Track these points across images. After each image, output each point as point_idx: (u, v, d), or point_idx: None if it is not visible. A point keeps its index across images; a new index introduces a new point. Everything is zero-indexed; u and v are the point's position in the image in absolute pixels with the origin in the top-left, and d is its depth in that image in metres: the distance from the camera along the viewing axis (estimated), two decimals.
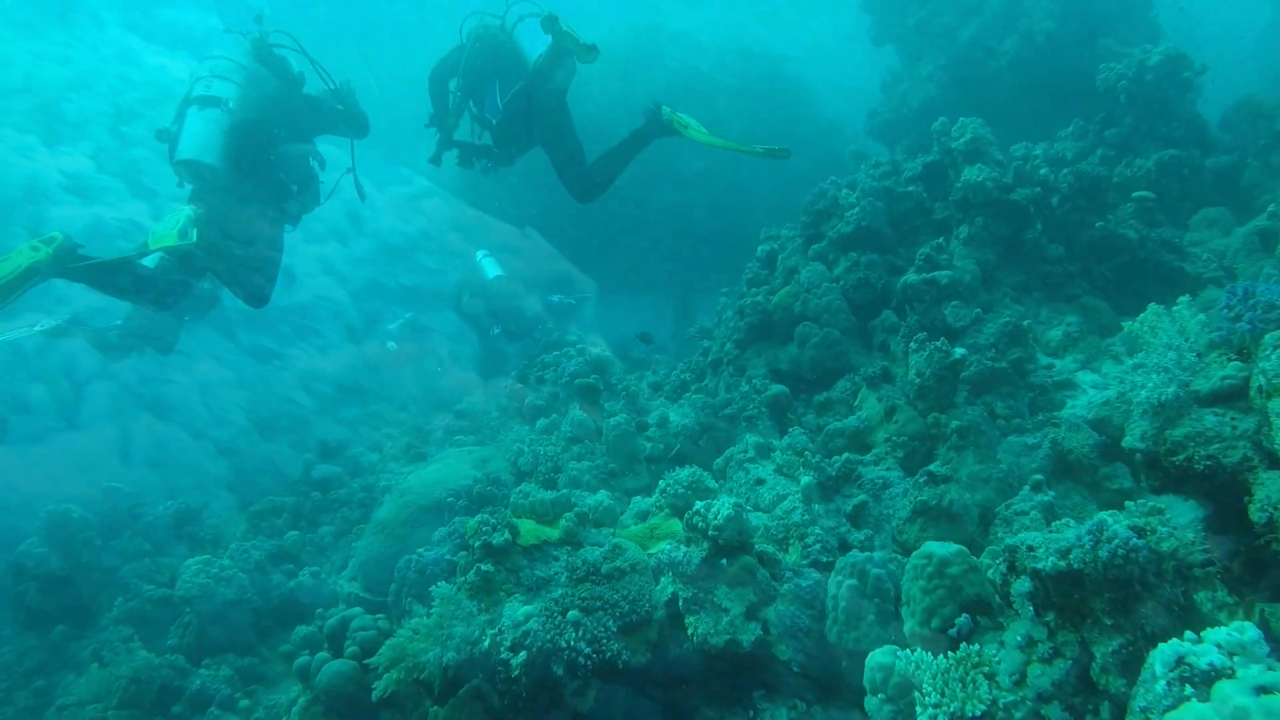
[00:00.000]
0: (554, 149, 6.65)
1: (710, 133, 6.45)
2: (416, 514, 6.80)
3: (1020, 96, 9.83)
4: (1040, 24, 9.45)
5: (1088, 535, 2.33)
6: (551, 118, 6.43)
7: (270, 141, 5.71)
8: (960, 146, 5.96)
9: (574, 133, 6.64)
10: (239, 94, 5.48)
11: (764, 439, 5.21)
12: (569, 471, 5.73)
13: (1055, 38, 9.46)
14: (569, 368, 7.67)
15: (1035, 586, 2.43)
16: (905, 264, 6.19)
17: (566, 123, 6.58)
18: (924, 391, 4.83)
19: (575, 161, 6.59)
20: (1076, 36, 9.65)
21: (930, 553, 2.96)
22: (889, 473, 4.72)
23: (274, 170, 5.81)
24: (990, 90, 10.04)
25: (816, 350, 5.78)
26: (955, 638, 2.64)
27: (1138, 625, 2.12)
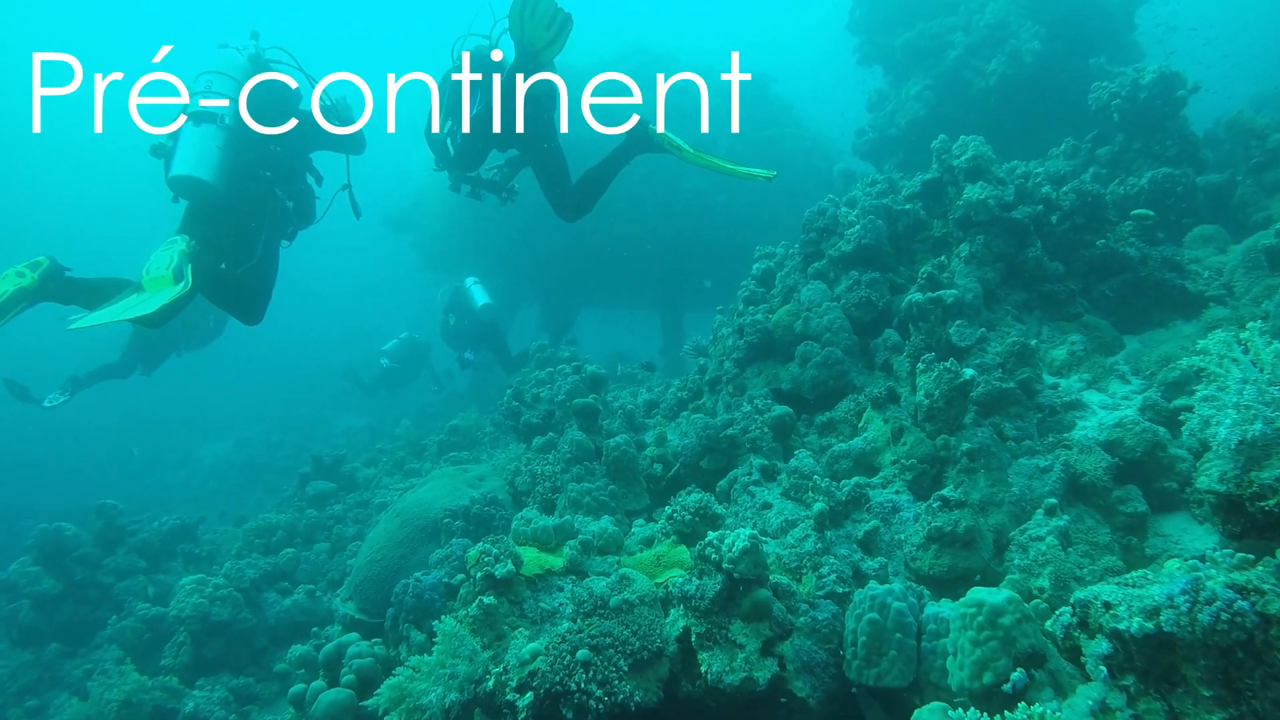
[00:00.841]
0: (540, 167, 6.47)
1: (696, 150, 6.26)
2: (413, 534, 6.53)
3: (1007, 116, 9.71)
4: (1027, 44, 9.32)
5: (1182, 596, 2.06)
6: (536, 134, 6.23)
7: (267, 158, 5.52)
8: (962, 164, 5.77)
9: (560, 152, 6.46)
10: (233, 109, 5.28)
11: (769, 461, 4.97)
12: (569, 493, 5.47)
13: (1042, 58, 9.33)
14: (564, 385, 7.41)
15: (1115, 648, 2.19)
16: (905, 282, 5.99)
17: (552, 140, 6.39)
18: (933, 413, 4.61)
19: (560, 180, 6.41)
20: (1063, 57, 9.54)
21: (980, 600, 2.70)
22: (898, 496, 4.50)
23: (270, 187, 5.61)
24: (978, 109, 9.92)
25: (818, 370, 5.56)
26: (1010, 695, 2.39)
27: (1243, 699, 1.88)
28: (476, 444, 11.14)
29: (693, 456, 5.49)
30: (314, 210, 6.10)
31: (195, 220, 5.28)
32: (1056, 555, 3.86)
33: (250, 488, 18.08)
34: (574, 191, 6.46)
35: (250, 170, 5.40)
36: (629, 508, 5.52)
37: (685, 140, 6.30)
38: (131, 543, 9.47)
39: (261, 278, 5.55)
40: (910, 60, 10.72)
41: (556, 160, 6.43)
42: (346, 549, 8.78)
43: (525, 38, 5.60)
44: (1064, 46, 9.56)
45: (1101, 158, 7.21)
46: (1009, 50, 9.39)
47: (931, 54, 10.42)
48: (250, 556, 8.61)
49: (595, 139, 14.58)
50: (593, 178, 6.45)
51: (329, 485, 10.37)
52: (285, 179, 5.75)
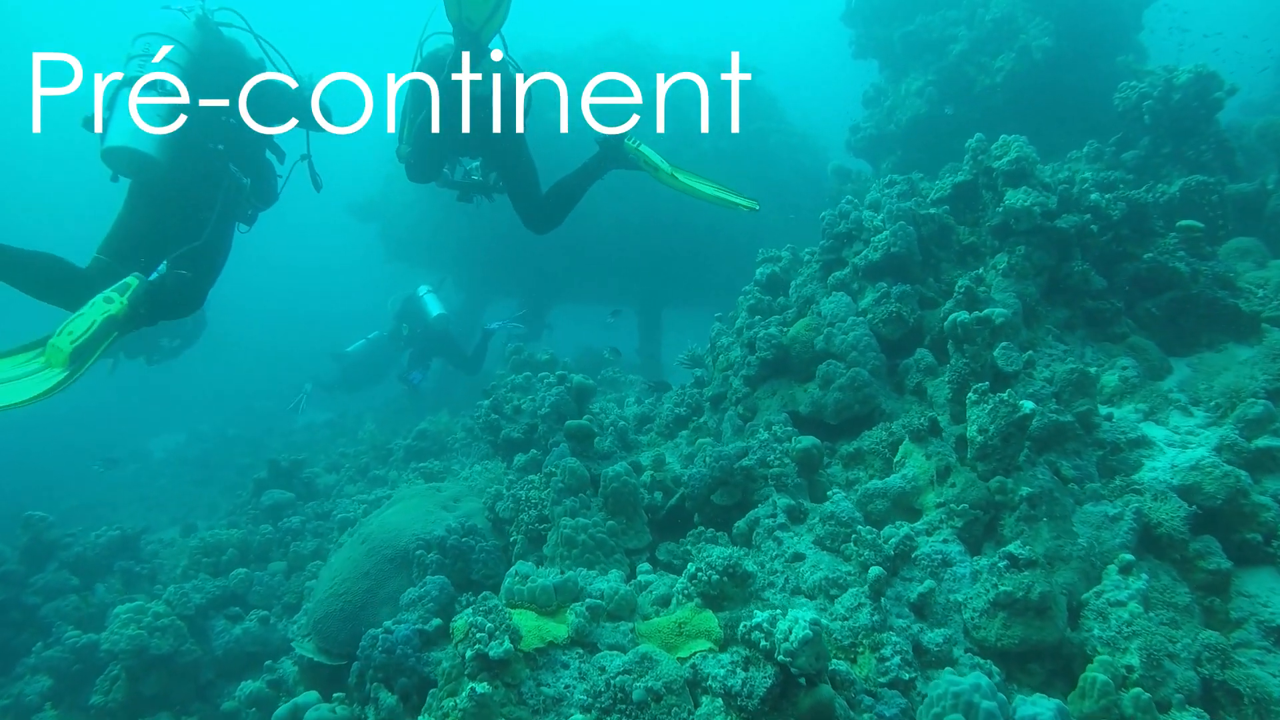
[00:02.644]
0: (505, 174, 5.95)
1: (673, 168, 5.73)
2: (380, 564, 5.80)
3: (1015, 115, 9.16)
4: (1038, 40, 8.77)
5: None
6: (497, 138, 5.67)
7: (219, 130, 4.94)
8: (1003, 166, 5.17)
9: (528, 157, 5.91)
10: (180, 75, 4.64)
11: (794, 500, 4.33)
12: (562, 528, 4.78)
13: (1052, 55, 8.79)
14: (548, 398, 6.71)
15: None
16: (936, 296, 5.39)
17: (516, 145, 5.83)
18: (986, 451, 4.00)
19: (528, 188, 5.89)
20: (1071, 56, 9.01)
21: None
22: (947, 546, 3.88)
23: (224, 162, 4.99)
24: (983, 107, 9.36)
25: (842, 393, 4.93)
26: None
27: None
28: (447, 450, 10.39)
29: (701, 489, 4.83)
30: (275, 189, 5.52)
31: (138, 201, 4.71)
32: (1144, 626, 3.28)
33: (204, 486, 17.07)
34: (543, 203, 5.95)
35: (199, 143, 4.80)
36: (629, 545, 4.84)
37: (665, 156, 5.79)
38: (64, 557, 8.59)
39: (206, 260, 4.85)
40: (910, 54, 10.14)
41: (524, 168, 5.90)
42: (305, 568, 8.01)
43: (463, 15, 4.97)
44: (1072, 45, 9.02)
45: (1128, 162, 6.67)
46: (1019, 46, 8.82)
47: (933, 48, 9.84)
48: (197, 578, 7.81)
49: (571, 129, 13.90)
50: (563, 190, 5.95)
51: (286, 495, 9.54)
52: (241, 154, 5.14)
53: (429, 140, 5.61)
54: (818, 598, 3.69)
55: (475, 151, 6.09)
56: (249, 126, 5.11)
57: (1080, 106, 8.91)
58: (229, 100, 4.99)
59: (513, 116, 5.68)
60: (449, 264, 17.43)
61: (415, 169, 5.84)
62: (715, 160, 14.32)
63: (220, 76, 4.96)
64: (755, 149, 14.73)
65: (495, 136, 5.65)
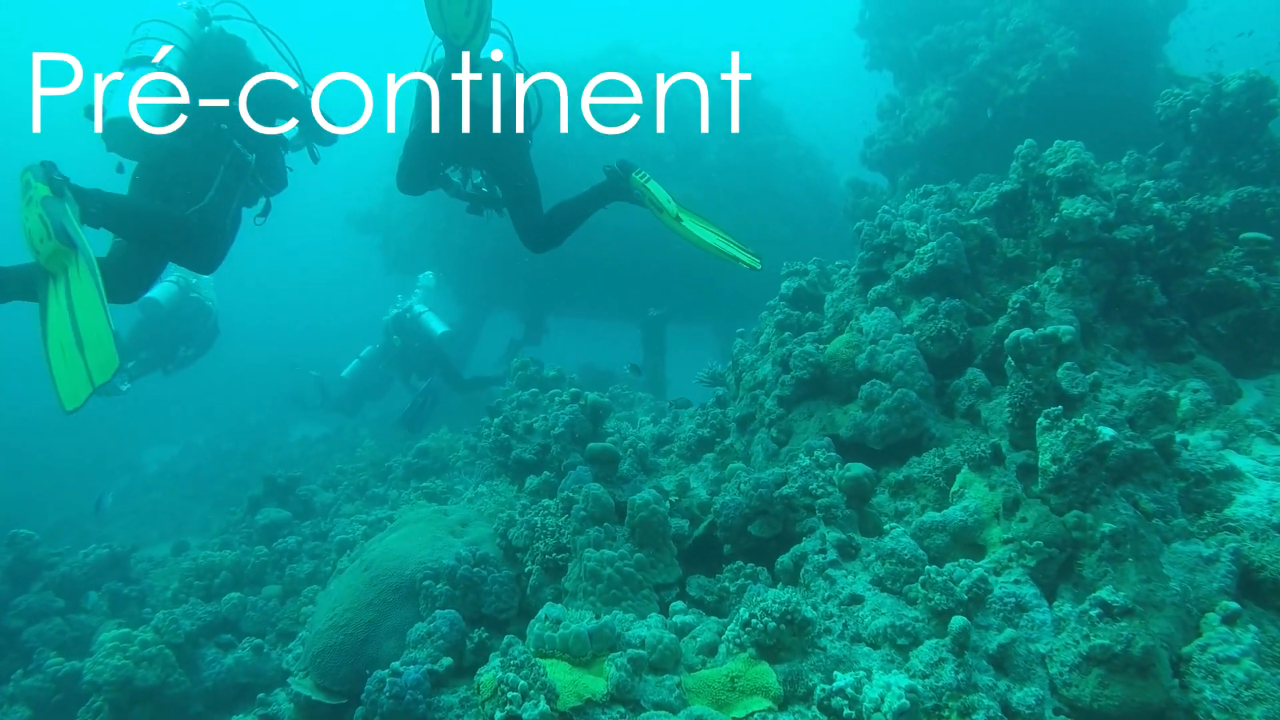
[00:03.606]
0: (506, 188, 5.65)
1: (679, 206, 5.41)
2: (384, 594, 5.32)
3: (1039, 126, 8.80)
4: (1064, 50, 8.42)
5: None
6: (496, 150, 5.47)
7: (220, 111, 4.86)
8: (1059, 174, 4.77)
9: (530, 172, 5.60)
10: (181, 58, 4.68)
11: (844, 534, 3.90)
12: (585, 561, 4.35)
13: (1079, 65, 8.44)
14: (562, 417, 6.28)
15: None
16: (983, 312, 4.99)
17: (519, 155, 5.55)
18: (1061, 483, 3.58)
19: (529, 205, 5.58)
20: (1097, 66, 8.67)
21: None
22: (1020, 588, 3.46)
23: (228, 138, 4.89)
24: (1005, 118, 9.00)
25: (888, 415, 4.51)
26: None
27: None
28: (449, 469, 9.92)
29: (736, 519, 4.40)
30: (283, 174, 5.48)
31: (142, 180, 4.72)
32: (1269, 690, 2.85)
33: (196, 500, 16.53)
34: (543, 222, 5.65)
35: (201, 119, 4.74)
36: (658, 581, 4.41)
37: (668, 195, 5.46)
38: (49, 578, 8.09)
39: (214, 221, 4.77)
40: (928, 65, 9.78)
41: (525, 183, 5.60)
42: (301, 593, 7.54)
43: (449, 30, 4.78)
44: (1098, 55, 8.69)
45: (1171, 173, 6.29)
46: (1045, 55, 8.48)
47: (952, 59, 9.49)
48: (188, 603, 7.32)
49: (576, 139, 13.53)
50: (564, 213, 5.67)
51: (282, 513, 9.06)
52: (245, 133, 5.01)
53: (425, 143, 5.36)
54: (882, 646, 3.26)
55: (477, 160, 5.80)
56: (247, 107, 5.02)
57: (1107, 117, 8.56)
58: (229, 98, 4.91)
59: (513, 120, 5.44)
60: (449, 276, 16.99)
61: (406, 175, 5.55)
62: (721, 172, 13.97)
63: (220, 68, 4.92)
64: (761, 162, 14.36)
65: (496, 144, 5.44)
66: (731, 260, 5.33)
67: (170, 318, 11.07)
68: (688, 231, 5.40)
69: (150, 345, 11.06)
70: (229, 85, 4.95)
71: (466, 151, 5.65)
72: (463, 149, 5.57)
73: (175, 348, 11.39)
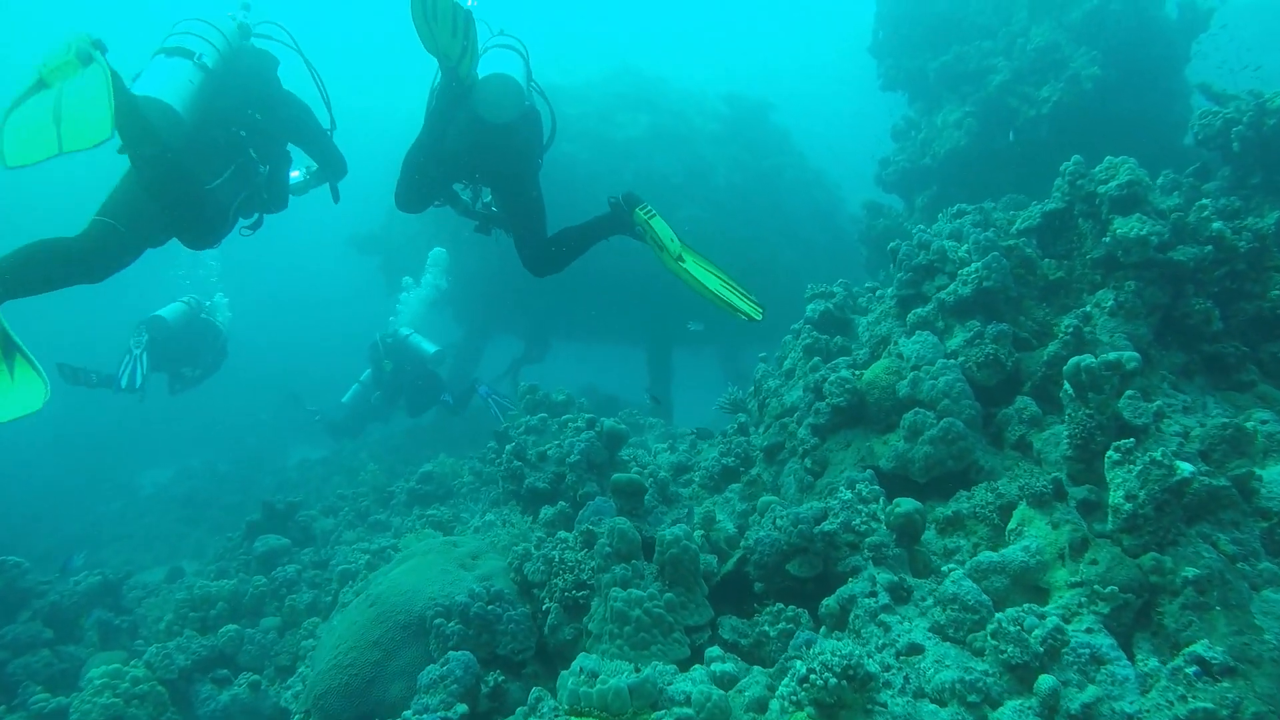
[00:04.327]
0: (508, 208, 5.47)
1: (683, 245, 5.14)
2: (392, 632, 4.99)
3: (1061, 147, 8.59)
4: (1087, 69, 8.21)
5: None
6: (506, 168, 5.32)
7: (244, 118, 4.92)
8: (1110, 191, 4.50)
9: (535, 192, 5.41)
10: (216, 57, 4.69)
11: (896, 575, 3.59)
12: (612, 602, 4.03)
13: (1103, 85, 8.23)
14: (578, 444, 5.98)
15: None
16: (1028, 336, 4.70)
17: (523, 177, 5.36)
18: (1136, 522, 3.28)
19: (533, 227, 5.38)
20: (1119, 86, 8.47)
21: None
22: (1094, 638, 3.14)
23: (244, 145, 4.95)
24: (1025, 139, 8.79)
25: (934, 446, 4.21)
26: None
27: None
28: (453, 495, 9.58)
29: (773, 556, 4.08)
30: (285, 195, 5.43)
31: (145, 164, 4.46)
32: None
33: (192, 525, 16.11)
34: (547, 246, 5.43)
35: (223, 121, 4.78)
36: (689, 622, 4.08)
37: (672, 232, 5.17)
38: (38, 606, 7.72)
39: (221, 203, 4.81)
40: (945, 85, 9.58)
41: (531, 203, 5.41)
42: (301, 625, 7.17)
43: (440, 50, 4.64)
44: (1120, 75, 8.49)
45: (1210, 194, 6.03)
46: (1068, 75, 8.27)
47: (970, 79, 9.29)
48: (183, 635, 6.96)
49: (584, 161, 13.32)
50: (568, 240, 5.45)
51: (281, 541, 8.69)
52: (262, 145, 5.07)
53: (423, 159, 5.17)
54: (950, 704, 2.93)
55: (482, 177, 5.60)
56: (269, 124, 5.07)
57: (1130, 138, 8.32)
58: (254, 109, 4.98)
59: (521, 138, 5.30)
60: (450, 299, 16.73)
61: (403, 191, 5.31)
62: (729, 194, 13.75)
63: (250, 80, 4.98)
64: (769, 185, 14.17)
65: (503, 161, 5.30)
66: (730, 310, 5.06)
67: (177, 336, 11.10)
68: (687, 275, 5.10)
69: (155, 363, 11.03)
70: (256, 98, 4.98)
71: (470, 168, 5.46)
72: (465, 165, 5.40)
73: (181, 366, 11.49)
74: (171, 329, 11.03)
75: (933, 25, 10.04)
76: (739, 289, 5.15)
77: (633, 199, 5.27)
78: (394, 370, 12.57)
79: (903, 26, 10.38)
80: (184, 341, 11.37)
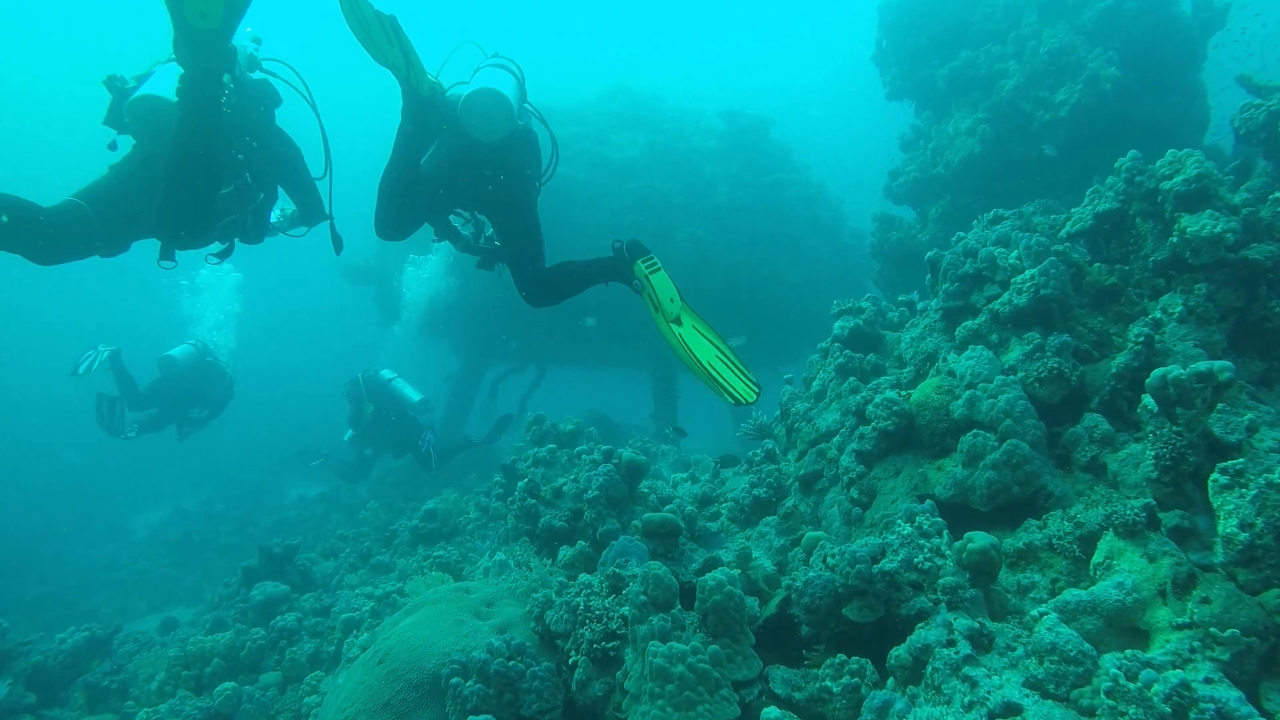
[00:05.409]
0: (508, 232, 5.12)
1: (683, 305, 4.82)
2: (404, 692, 4.54)
3: (1079, 152, 8.28)
4: (1105, 70, 7.91)
5: None
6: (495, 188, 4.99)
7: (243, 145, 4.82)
8: (1177, 187, 4.14)
9: (532, 220, 5.08)
10: (227, 78, 4.41)
11: (974, 620, 3.18)
12: (651, 658, 3.59)
13: (1121, 86, 7.93)
14: (596, 479, 5.56)
15: None
16: (1088, 348, 4.32)
17: (515, 201, 5.04)
18: (1254, 554, 2.88)
19: (530, 253, 5.03)
20: (1137, 87, 8.17)
21: None
22: (1215, 689, 2.72)
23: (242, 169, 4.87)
24: (1041, 145, 8.47)
25: (997, 472, 3.81)
26: None
27: None
28: (459, 532, 9.13)
29: (826, 599, 3.67)
30: (265, 229, 5.28)
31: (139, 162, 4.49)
32: None
33: (186, 569, 15.57)
34: (545, 277, 5.06)
35: (226, 139, 4.63)
36: (736, 677, 3.66)
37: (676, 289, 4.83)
38: (19, 669, 7.25)
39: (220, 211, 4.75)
40: (954, 92, 9.28)
41: (523, 230, 5.08)
42: (303, 680, 6.71)
43: (384, 60, 4.45)
44: (1138, 76, 8.20)
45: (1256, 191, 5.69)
46: (1086, 76, 7.95)
47: (981, 84, 8.98)
48: (175, 696, 6.49)
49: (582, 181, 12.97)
50: (566, 276, 5.09)
51: (280, 588, 8.22)
52: (258, 172, 4.99)
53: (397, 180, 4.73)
54: None
55: (475, 202, 5.27)
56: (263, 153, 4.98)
57: (1149, 141, 8.01)
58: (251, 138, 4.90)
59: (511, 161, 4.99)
60: (447, 329, 16.32)
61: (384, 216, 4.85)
62: (731, 213, 13.40)
63: (251, 108, 4.87)
64: (771, 202, 13.82)
65: (495, 185, 4.97)
66: (718, 388, 4.59)
67: (186, 376, 11.33)
68: (678, 342, 4.68)
69: (163, 402, 11.27)
70: (254, 127, 4.90)
71: (457, 191, 5.12)
72: (451, 188, 5.07)
73: (189, 408, 11.66)
74: (181, 368, 11.23)
75: (938, 31, 9.75)
76: (738, 364, 4.67)
77: (637, 249, 4.92)
78: (375, 414, 12.14)
79: (907, 34, 10.09)
80: (191, 383, 11.50)
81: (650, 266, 4.84)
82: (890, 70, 10.40)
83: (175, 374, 11.20)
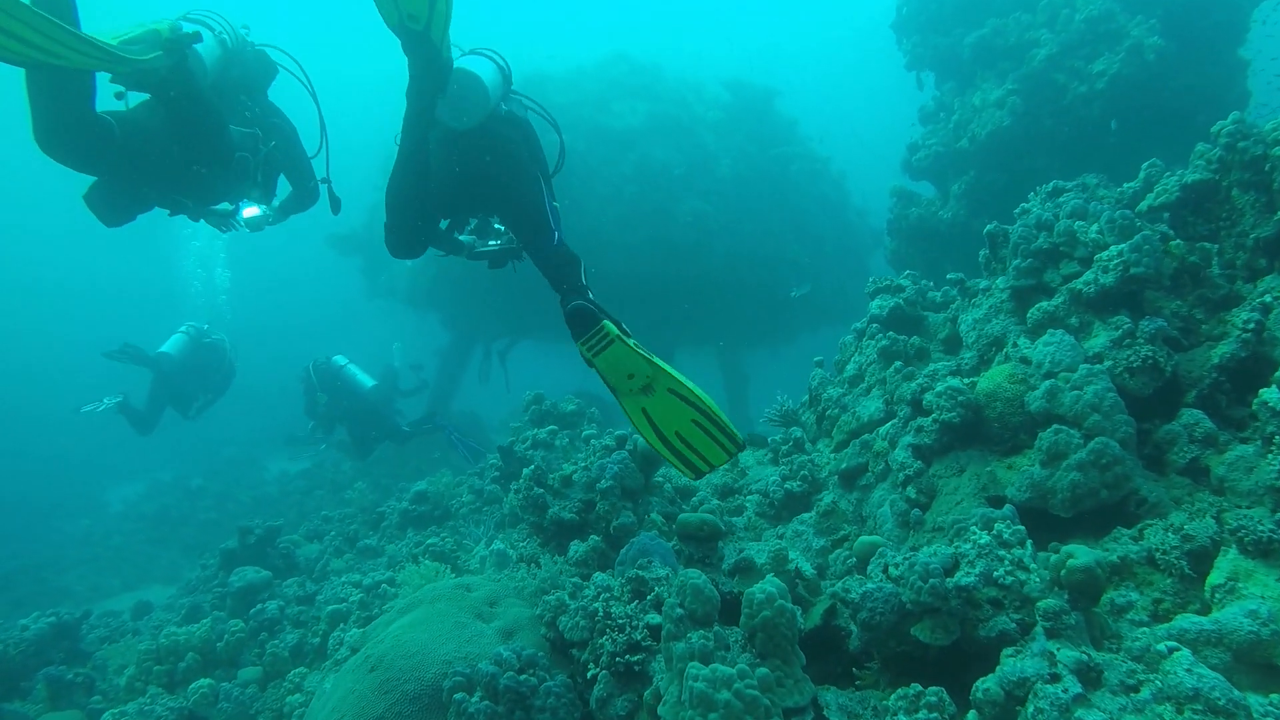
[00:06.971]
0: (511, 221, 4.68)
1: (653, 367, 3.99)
2: (399, 706, 4.02)
3: (1116, 126, 7.79)
4: (1148, 39, 7.40)
5: None
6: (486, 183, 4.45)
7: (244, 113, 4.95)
8: None
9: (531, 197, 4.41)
10: (231, 42, 4.77)
11: (1080, 652, 2.70)
12: (691, 682, 3.08)
13: (1164, 56, 7.43)
14: (609, 468, 5.05)
15: None
16: (1176, 335, 3.83)
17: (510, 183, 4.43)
18: None
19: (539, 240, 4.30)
20: (1177, 58, 7.67)
21: None
22: None
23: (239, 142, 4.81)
24: (1074, 118, 7.96)
25: (1083, 473, 3.33)
26: None
27: None
28: (451, 516, 8.60)
29: (890, 616, 3.19)
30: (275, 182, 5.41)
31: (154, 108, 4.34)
32: None
33: (163, 545, 15.01)
34: (556, 252, 4.30)
35: (229, 105, 4.83)
36: (787, 704, 3.17)
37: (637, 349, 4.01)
38: None
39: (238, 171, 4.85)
40: (981, 62, 8.75)
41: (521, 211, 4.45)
42: (285, 676, 6.18)
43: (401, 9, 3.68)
44: (1178, 46, 7.69)
45: None
46: (1128, 46, 7.44)
47: (1010, 54, 8.45)
48: (145, 694, 5.96)
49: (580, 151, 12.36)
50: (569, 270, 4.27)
51: (261, 574, 7.67)
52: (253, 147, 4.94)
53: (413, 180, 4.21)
54: None
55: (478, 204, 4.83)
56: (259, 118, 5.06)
57: (1189, 117, 7.54)
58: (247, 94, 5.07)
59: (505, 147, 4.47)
60: (437, 302, 15.70)
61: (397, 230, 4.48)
62: (733, 186, 12.85)
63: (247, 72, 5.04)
64: (775, 176, 13.28)
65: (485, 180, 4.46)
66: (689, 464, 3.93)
67: (183, 369, 11.15)
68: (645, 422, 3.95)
69: (171, 396, 11.23)
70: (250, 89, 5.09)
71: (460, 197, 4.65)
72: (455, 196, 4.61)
73: (194, 397, 11.55)
74: (176, 363, 11.03)
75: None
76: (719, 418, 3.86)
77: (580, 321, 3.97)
78: (328, 404, 11.53)
79: (930, 1, 9.54)
80: (192, 373, 11.31)
81: (594, 346, 3.93)
82: (911, 38, 9.85)
83: (171, 369, 10.97)
